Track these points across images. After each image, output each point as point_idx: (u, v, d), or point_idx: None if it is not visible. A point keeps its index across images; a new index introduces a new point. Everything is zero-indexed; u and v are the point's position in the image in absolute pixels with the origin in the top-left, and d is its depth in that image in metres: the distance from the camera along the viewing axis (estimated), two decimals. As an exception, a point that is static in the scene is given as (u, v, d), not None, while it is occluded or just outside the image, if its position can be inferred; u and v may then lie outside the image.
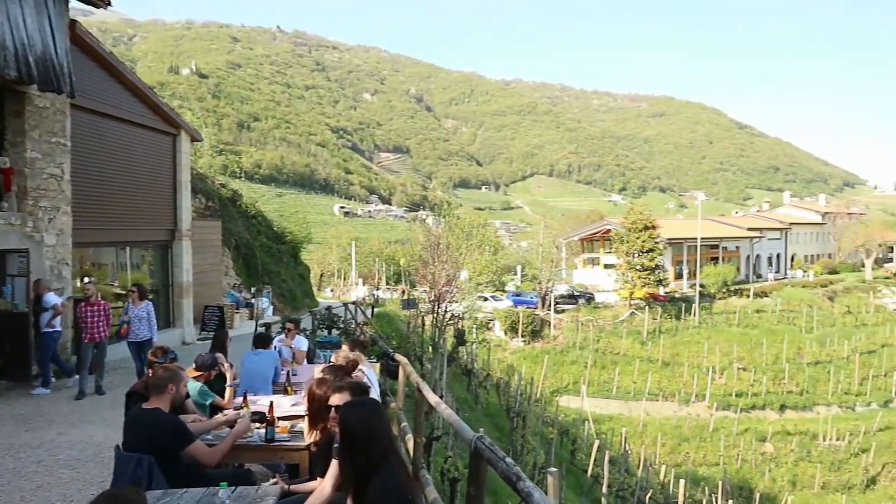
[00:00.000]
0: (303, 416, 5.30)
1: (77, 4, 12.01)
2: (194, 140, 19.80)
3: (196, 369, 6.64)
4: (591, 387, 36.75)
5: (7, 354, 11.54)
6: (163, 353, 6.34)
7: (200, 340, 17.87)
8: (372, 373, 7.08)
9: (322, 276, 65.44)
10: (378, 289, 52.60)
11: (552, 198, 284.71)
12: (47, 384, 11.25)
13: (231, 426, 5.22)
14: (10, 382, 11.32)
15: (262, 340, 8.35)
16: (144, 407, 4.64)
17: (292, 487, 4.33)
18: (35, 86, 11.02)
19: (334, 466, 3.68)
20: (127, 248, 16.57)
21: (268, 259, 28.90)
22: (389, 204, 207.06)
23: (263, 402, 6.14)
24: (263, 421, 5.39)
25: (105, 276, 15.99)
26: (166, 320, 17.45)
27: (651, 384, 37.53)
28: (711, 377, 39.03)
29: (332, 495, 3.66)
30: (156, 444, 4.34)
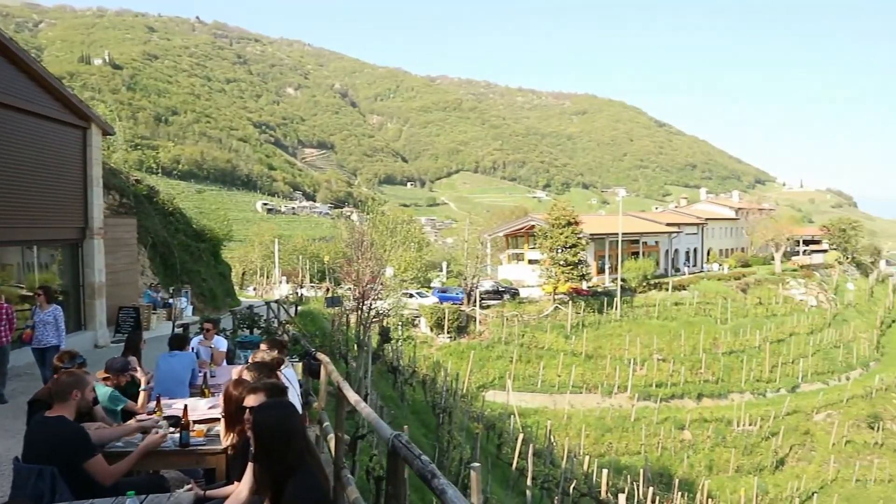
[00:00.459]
0: (220, 419, 5.14)
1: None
2: (106, 134, 18.94)
3: (107, 373, 6.35)
4: (517, 381, 37.24)
5: None
6: (70, 358, 6.03)
7: (115, 343, 17.13)
8: (292, 372, 6.93)
9: (244, 275, 63.93)
10: (302, 287, 51.76)
11: (477, 194, 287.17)
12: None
13: (146, 433, 5.01)
14: None
15: (179, 342, 8.07)
16: (47, 415, 4.39)
17: (208, 493, 4.18)
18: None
19: (251, 470, 3.57)
20: (34, 248, 15.73)
21: (187, 258, 28.00)
22: (314, 200, 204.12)
23: (179, 406, 5.92)
24: (178, 425, 5.20)
25: (10, 278, 15.13)
26: (77, 323, 16.65)
27: (575, 377, 38.34)
28: (633, 369, 40.21)
29: (249, 499, 3.56)
30: (58, 455, 4.12)
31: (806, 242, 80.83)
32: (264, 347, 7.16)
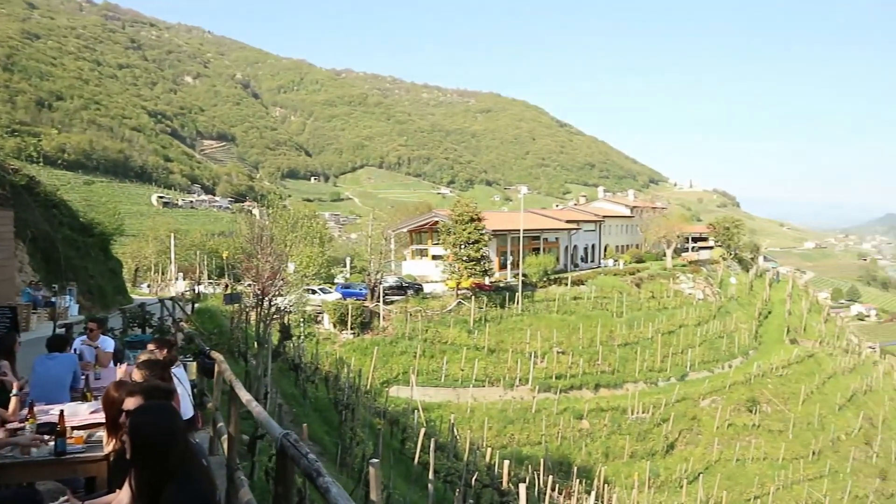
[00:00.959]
0: (102, 424, 4.85)
1: None
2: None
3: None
4: (421, 376, 37.36)
5: None
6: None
7: (-11, 345, 15.94)
8: (183, 372, 6.66)
9: (137, 271, 61.06)
10: (200, 283, 49.94)
11: (382, 189, 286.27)
12: None
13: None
14: None
15: (58, 343, 7.55)
16: None
17: (87, 503, 3.94)
18: None
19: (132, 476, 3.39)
20: None
21: (72, 253, 26.43)
22: (213, 194, 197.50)
23: (55, 412, 5.55)
24: (53, 432, 4.87)
25: None
26: (-55, 323, 15.37)
27: (478, 371, 38.87)
28: (533, 361, 41.17)
29: (129, 507, 3.37)
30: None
31: (694, 239, 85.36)
32: (151, 347, 6.85)
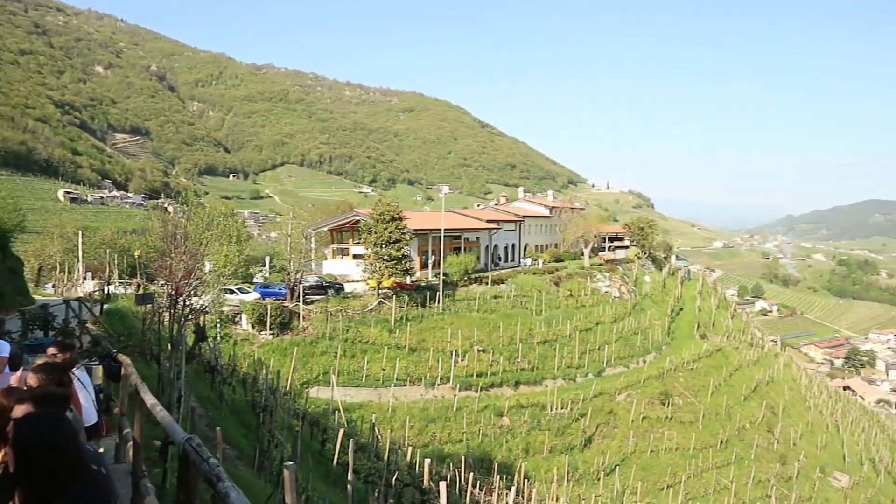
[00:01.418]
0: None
1: None
2: None
3: None
4: (342, 376, 37.03)
5: None
6: None
7: None
8: (86, 376, 6.35)
9: (41, 271, 57.88)
10: (110, 283, 47.81)
11: (303, 188, 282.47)
12: None
13: None
14: None
15: (-54, 348, 7.05)
16: None
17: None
18: None
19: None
20: None
21: (-33, 251, 24.84)
22: (125, 190, 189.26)
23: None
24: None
25: None
26: None
27: (399, 370, 38.83)
28: (454, 360, 41.45)
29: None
30: None
31: (611, 239, 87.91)
32: (52, 350, 6.50)
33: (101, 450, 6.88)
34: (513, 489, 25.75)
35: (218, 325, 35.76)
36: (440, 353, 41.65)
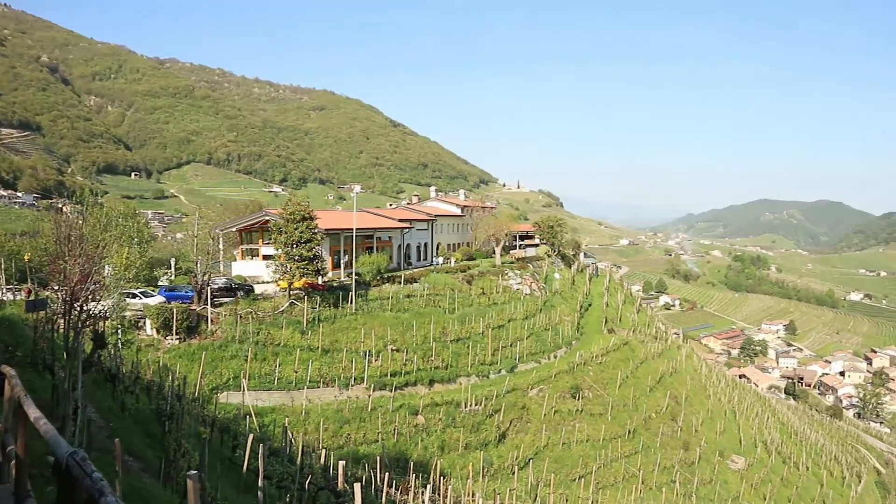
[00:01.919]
0: None
1: None
2: None
3: None
4: (253, 380, 36.14)
5: None
6: None
7: None
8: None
9: (-82, 277, 53.64)
10: (-3, 290, 44.83)
11: (210, 187, 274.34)
12: None
13: None
14: None
15: None
16: None
17: None
18: None
19: None
20: None
21: None
22: (14, 189, 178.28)
23: None
24: None
25: None
26: None
27: (312, 372, 38.25)
28: (368, 360, 41.20)
29: None
30: None
31: (521, 237, 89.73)
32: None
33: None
34: (429, 487, 25.85)
35: (119, 331, 34.17)
36: (354, 354, 41.32)
